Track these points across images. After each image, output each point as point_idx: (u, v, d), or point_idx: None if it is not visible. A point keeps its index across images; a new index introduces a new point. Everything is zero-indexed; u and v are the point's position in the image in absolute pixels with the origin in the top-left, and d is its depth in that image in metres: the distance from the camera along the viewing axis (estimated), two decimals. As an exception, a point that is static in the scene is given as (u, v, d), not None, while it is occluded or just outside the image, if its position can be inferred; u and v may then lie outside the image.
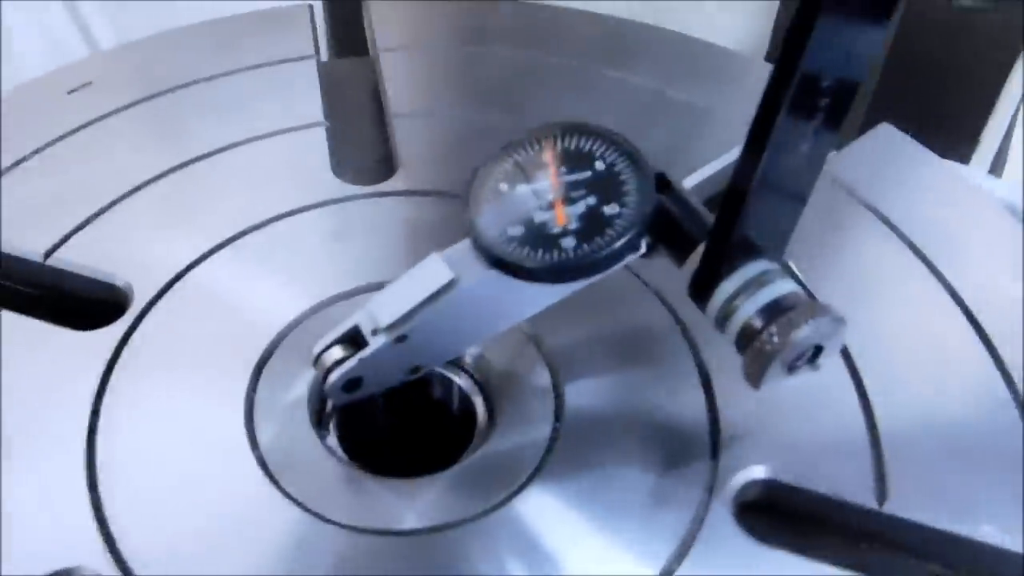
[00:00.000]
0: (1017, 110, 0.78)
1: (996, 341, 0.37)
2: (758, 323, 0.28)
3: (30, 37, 0.69)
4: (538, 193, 0.31)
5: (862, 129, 0.48)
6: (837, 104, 0.26)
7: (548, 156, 0.31)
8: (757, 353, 0.28)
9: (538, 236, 0.30)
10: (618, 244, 0.29)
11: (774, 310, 0.28)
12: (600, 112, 0.49)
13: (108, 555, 0.30)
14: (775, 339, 0.28)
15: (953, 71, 0.77)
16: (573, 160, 0.31)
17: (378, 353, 0.31)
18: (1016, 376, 0.36)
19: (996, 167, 0.83)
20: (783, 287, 0.29)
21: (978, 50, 0.76)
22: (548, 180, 0.31)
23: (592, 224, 0.30)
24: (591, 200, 0.30)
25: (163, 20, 0.54)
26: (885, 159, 0.45)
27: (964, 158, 0.79)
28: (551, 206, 0.30)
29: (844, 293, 0.38)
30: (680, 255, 0.31)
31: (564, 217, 0.30)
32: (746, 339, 0.29)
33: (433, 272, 0.31)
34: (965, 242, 0.42)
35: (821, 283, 0.37)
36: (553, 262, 0.29)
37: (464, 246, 0.31)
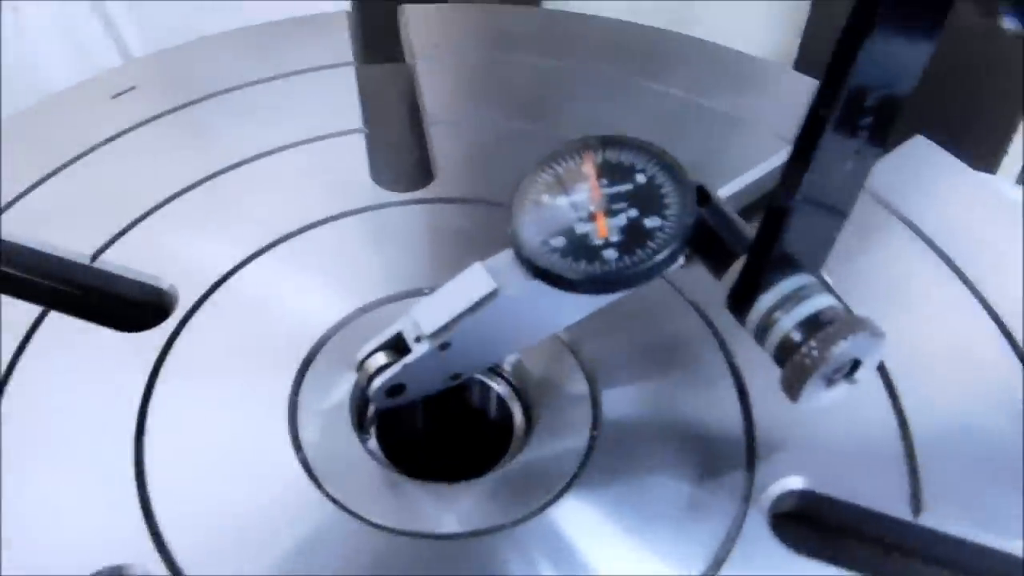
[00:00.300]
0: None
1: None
2: (797, 337, 0.29)
3: (55, 43, 0.70)
4: (579, 205, 0.31)
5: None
6: (882, 120, 0.26)
7: (589, 168, 0.32)
8: (797, 367, 0.29)
9: (580, 247, 0.30)
10: (659, 257, 0.30)
11: (813, 324, 0.29)
12: (631, 118, 0.49)
13: (156, 553, 0.31)
14: (815, 353, 0.28)
15: (981, 80, 0.77)
16: (614, 172, 0.32)
17: (421, 360, 0.32)
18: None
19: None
20: (821, 301, 0.29)
21: (1006, 58, 0.76)
22: (589, 192, 0.31)
23: (633, 236, 0.30)
24: (632, 212, 0.31)
25: (193, 27, 0.55)
26: (919, 171, 0.46)
27: (991, 168, 0.79)
28: (592, 218, 0.31)
29: (878, 304, 0.39)
30: (719, 268, 0.31)
31: (606, 229, 0.31)
32: (785, 353, 0.29)
33: (475, 281, 0.32)
34: (998, 253, 0.42)
35: (855, 294, 0.38)
36: (595, 273, 0.30)
37: (506, 256, 0.32)
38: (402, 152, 0.49)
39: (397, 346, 0.33)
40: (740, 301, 0.30)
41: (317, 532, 0.32)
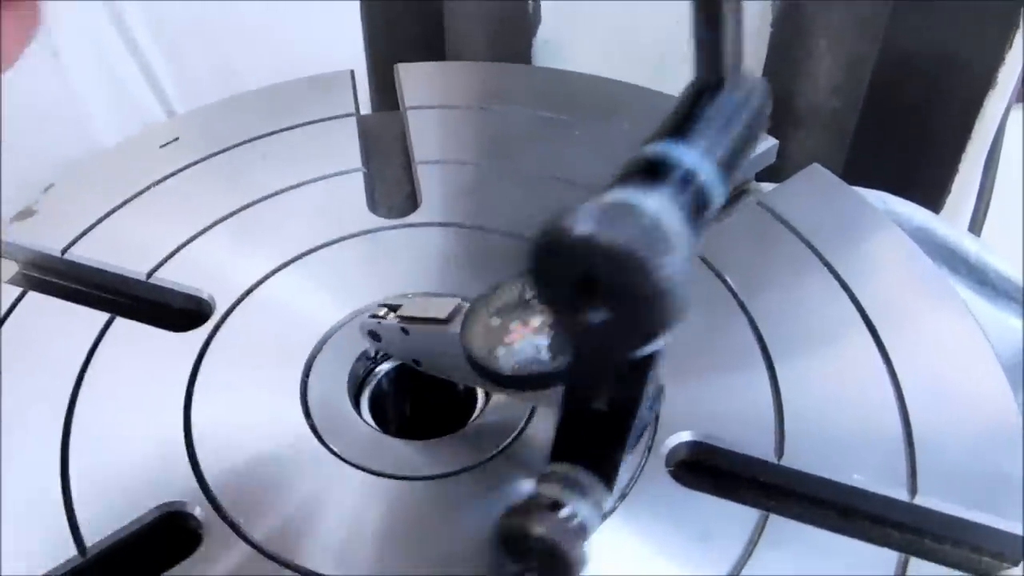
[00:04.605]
0: (992, 155, 0.83)
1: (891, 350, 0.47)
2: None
3: (102, 103, 0.75)
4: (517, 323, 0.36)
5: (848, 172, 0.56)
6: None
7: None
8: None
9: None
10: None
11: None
12: (583, 156, 0.59)
13: (201, 494, 0.41)
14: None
15: (926, 116, 0.81)
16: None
17: (387, 328, 0.41)
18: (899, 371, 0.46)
19: (977, 215, 0.88)
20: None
21: (950, 92, 0.82)
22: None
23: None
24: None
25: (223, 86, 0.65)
26: (814, 194, 0.55)
27: (936, 207, 0.84)
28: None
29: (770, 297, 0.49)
30: None
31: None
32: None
33: (439, 305, 0.40)
34: (873, 258, 0.52)
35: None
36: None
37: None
38: (393, 186, 0.59)
39: (394, 310, 0.42)
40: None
41: (323, 479, 0.42)
